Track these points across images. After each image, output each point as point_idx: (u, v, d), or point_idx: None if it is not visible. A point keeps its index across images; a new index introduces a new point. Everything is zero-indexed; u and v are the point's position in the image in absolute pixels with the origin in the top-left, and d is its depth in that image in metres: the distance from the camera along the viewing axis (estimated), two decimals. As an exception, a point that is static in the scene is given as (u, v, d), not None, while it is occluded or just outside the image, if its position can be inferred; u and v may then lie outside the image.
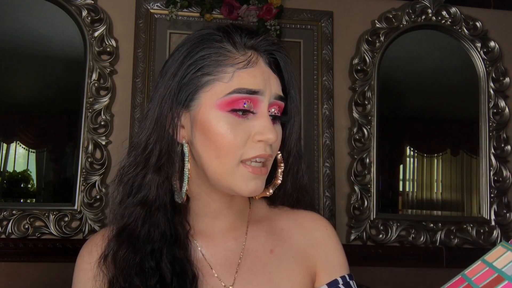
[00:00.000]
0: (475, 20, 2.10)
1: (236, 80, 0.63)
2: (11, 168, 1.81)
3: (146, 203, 0.67)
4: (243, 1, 1.85)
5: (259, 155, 0.63)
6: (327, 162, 1.93)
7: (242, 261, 0.70)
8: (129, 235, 0.67)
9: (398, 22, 2.04)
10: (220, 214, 0.72)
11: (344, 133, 1.99)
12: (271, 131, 0.63)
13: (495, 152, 2.06)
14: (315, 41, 1.99)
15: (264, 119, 0.63)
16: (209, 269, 0.69)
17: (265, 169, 0.65)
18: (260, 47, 0.67)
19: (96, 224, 1.74)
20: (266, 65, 0.66)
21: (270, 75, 0.66)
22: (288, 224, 0.76)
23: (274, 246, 0.73)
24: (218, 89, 0.63)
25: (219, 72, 0.64)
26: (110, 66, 1.82)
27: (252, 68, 0.64)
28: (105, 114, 1.78)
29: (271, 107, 0.66)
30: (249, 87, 0.62)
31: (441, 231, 1.98)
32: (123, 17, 1.87)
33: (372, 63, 1.99)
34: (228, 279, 0.69)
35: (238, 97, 0.62)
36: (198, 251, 0.70)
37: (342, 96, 2.00)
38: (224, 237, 0.72)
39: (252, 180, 0.64)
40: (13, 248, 1.69)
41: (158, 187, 0.67)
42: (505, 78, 2.10)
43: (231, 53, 0.65)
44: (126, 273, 0.65)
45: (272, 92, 0.65)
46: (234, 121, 0.63)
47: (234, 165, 0.63)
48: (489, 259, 0.61)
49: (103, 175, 1.77)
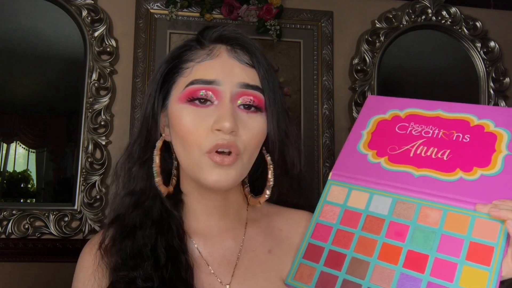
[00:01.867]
0: (475, 20, 2.10)
1: (194, 73, 0.66)
2: (11, 168, 1.82)
3: (134, 193, 0.71)
4: (243, 1, 1.85)
5: (216, 145, 0.62)
6: (327, 162, 1.93)
7: (240, 260, 0.70)
8: (121, 222, 0.70)
9: (398, 22, 2.04)
10: (214, 212, 0.72)
11: (344, 133, 1.99)
12: (226, 119, 0.62)
13: (495, 152, 2.06)
14: (315, 41, 1.99)
15: (222, 107, 0.63)
16: (206, 266, 0.69)
17: (230, 159, 0.63)
18: (226, 39, 0.68)
19: (96, 224, 1.74)
20: (232, 57, 0.67)
21: (234, 65, 0.66)
22: (287, 224, 0.76)
23: (272, 246, 0.73)
24: (180, 84, 0.67)
25: (182, 68, 0.68)
26: (110, 66, 1.81)
27: (211, 60, 0.66)
28: (105, 114, 1.78)
29: (239, 97, 0.65)
30: (204, 78, 0.65)
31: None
32: (123, 17, 1.87)
33: (372, 63, 1.99)
34: (226, 277, 0.68)
35: (194, 88, 0.64)
36: (194, 249, 0.70)
37: (342, 96, 2.00)
38: (222, 236, 0.72)
39: (215, 169, 0.63)
40: (13, 248, 1.69)
41: (147, 180, 0.70)
42: (505, 78, 2.10)
43: (195, 49, 0.69)
44: (123, 258, 0.66)
45: (235, 81, 0.65)
46: (193, 111, 0.64)
47: (199, 156, 0.64)
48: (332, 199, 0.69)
49: (103, 175, 1.77)
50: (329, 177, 0.71)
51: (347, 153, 0.72)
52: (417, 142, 0.67)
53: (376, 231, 0.62)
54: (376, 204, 0.64)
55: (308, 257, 0.65)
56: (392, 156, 0.67)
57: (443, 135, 0.66)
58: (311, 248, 0.66)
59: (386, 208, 0.63)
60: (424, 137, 0.67)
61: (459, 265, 0.56)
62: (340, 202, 0.68)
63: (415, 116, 0.70)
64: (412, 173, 0.65)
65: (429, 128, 0.68)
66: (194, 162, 0.64)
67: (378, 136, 0.71)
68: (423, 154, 0.66)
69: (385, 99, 0.75)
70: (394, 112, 0.72)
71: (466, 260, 0.56)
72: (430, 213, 0.61)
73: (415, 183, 0.64)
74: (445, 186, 0.62)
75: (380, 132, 0.71)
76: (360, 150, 0.71)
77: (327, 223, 0.67)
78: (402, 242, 0.59)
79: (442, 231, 0.59)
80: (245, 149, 0.65)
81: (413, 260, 0.58)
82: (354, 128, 0.75)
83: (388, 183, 0.65)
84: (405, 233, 0.60)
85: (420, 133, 0.68)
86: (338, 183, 0.70)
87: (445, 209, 0.60)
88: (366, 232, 0.62)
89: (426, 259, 0.57)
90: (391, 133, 0.70)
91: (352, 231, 0.64)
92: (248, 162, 0.67)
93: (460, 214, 0.59)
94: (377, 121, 0.73)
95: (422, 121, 0.69)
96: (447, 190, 0.61)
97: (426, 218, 0.60)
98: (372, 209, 0.64)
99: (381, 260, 0.59)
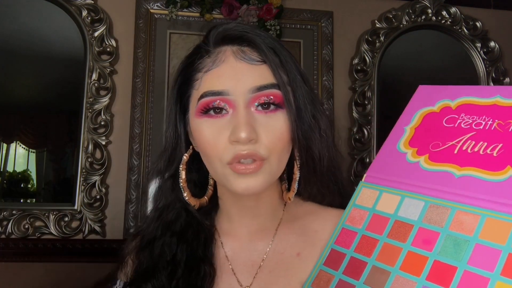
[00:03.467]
0: (475, 20, 2.10)
1: (203, 84, 0.62)
2: (11, 168, 1.82)
3: (158, 208, 0.72)
4: (243, 1, 1.85)
5: (236, 156, 0.59)
6: (327, 162, 1.93)
7: (264, 262, 0.68)
8: (142, 237, 0.72)
9: (398, 22, 2.04)
10: (248, 213, 0.70)
11: (344, 133, 1.99)
12: (242, 129, 0.58)
13: (495, 152, 2.06)
14: (315, 41, 1.99)
15: (237, 117, 0.59)
16: (229, 268, 0.68)
17: (253, 166, 0.60)
18: (231, 39, 0.64)
19: (96, 224, 1.74)
20: (239, 59, 0.62)
21: (243, 68, 0.61)
22: (323, 225, 0.70)
23: (302, 248, 0.69)
24: (194, 98, 0.64)
25: (193, 81, 0.65)
26: (110, 66, 1.82)
27: (218, 68, 0.62)
28: (105, 114, 1.78)
29: (255, 101, 0.61)
30: (212, 89, 0.61)
31: (441, 231, 1.98)
32: (123, 17, 1.87)
33: (372, 63, 1.99)
34: (247, 279, 0.67)
35: (205, 101, 0.61)
36: (221, 250, 0.70)
37: (342, 96, 2.00)
38: (251, 237, 0.70)
39: (241, 179, 0.60)
40: (13, 248, 1.69)
41: (172, 193, 0.70)
42: (505, 78, 2.10)
43: (202, 58, 0.64)
44: (137, 271, 0.68)
45: (247, 87, 0.60)
46: (211, 124, 0.61)
47: (222, 168, 0.61)
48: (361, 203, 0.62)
49: (103, 175, 1.77)
50: (362, 179, 0.65)
51: (385, 153, 0.64)
52: (465, 136, 0.58)
53: (402, 238, 0.55)
54: (406, 208, 0.58)
55: (328, 264, 0.60)
56: (433, 154, 0.59)
57: (497, 127, 0.56)
58: (333, 254, 0.60)
59: (416, 212, 0.56)
60: (474, 129, 0.58)
61: (491, 280, 0.47)
62: (368, 206, 0.61)
63: (467, 106, 0.60)
64: (453, 173, 0.56)
65: (482, 119, 0.58)
66: (219, 173, 0.62)
67: (422, 131, 0.62)
68: (469, 150, 0.57)
69: (436, 88, 0.65)
70: (444, 103, 0.63)
71: (501, 275, 0.47)
72: (465, 219, 0.53)
73: (454, 184, 0.55)
74: (489, 187, 0.53)
75: (425, 126, 0.63)
76: (399, 149, 0.63)
77: (352, 228, 0.60)
78: (428, 251, 0.52)
79: (477, 240, 0.50)
80: (271, 153, 0.61)
81: (438, 272, 0.51)
82: (397, 124, 0.66)
83: (424, 184, 0.58)
84: (434, 241, 0.53)
85: (471, 126, 0.58)
86: (369, 185, 0.63)
87: (484, 214, 0.52)
88: (391, 239, 0.56)
89: (454, 272, 0.50)
90: (437, 127, 0.61)
91: (377, 237, 0.57)
92: (278, 164, 0.63)
93: (501, 221, 0.50)
94: (424, 114, 0.64)
95: (474, 111, 0.59)
96: (491, 192, 0.53)
97: (460, 224, 0.53)
98: (401, 214, 0.57)
99: (403, 270, 0.53)
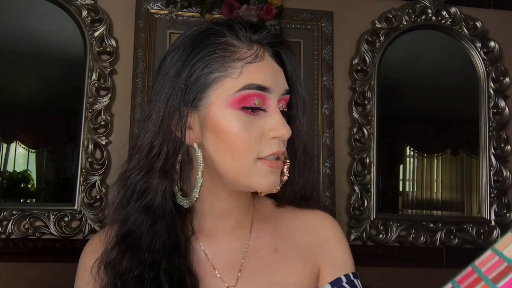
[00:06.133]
0: (475, 20, 2.10)
1: (245, 75, 0.61)
2: (11, 168, 1.81)
3: (151, 209, 0.65)
4: (243, 1, 1.85)
5: (274, 152, 0.62)
6: (327, 162, 1.93)
7: (245, 261, 0.69)
8: (132, 243, 0.65)
9: (398, 22, 2.04)
10: (225, 213, 0.70)
11: (344, 133, 1.99)
12: (284, 127, 0.62)
13: (495, 152, 2.06)
14: (315, 41, 1.99)
15: (276, 115, 0.62)
16: (212, 269, 0.68)
17: (280, 163, 0.65)
18: (264, 40, 0.65)
19: (96, 224, 1.74)
20: (272, 60, 0.65)
21: (278, 70, 0.65)
22: (293, 223, 0.74)
23: (278, 245, 0.71)
24: (228, 86, 0.61)
25: (228, 68, 0.61)
26: (110, 66, 1.81)
27: (260, 63, 0.62)
28: (105, 114, 1.78)
29: (279, 103, 0.64)
30: (259, 83, 0.61)
31: (441, 231, 1.98)
32: (123, 17, 1.87)
33: (372, 63, 1.99)
34: (231, 279, 0.67)
35: (248, 93, 0.60)
36: (201, 252, 0.69)
37: (342, 96, 2.00)
38: (228, 236, 0.71)
39: (270, 175, 0.63)
40: (13, 248, 1.69)
41: (164, 192, 0.65)
42: (505, 78, 2.09)
43: (237, 47, 0.63)
44: (125, 283, 0.63)
45: (281, 88, 0.64)
46: (246, 118, 0.61)
47: (251, 164, 0.62)
48: (499, 248, 0.55)
49: (103, 175, 1.77)
50: None
51: None
52: None
53: None
54: None
55: None
56: None
57: None
58: None
59: None
60: None
61: None
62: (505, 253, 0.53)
63: None
64: None
65: None
66: (244, 169, 0.62)
67: None
68: None
69: None
70: None
71: None
72: None
73: None
74: None
75: None
76: None
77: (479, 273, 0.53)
78: None
79: None
80: None
81: None
82: None
83: None
84: None
85: None
86: None
87: None
88: None
89: None
90: None
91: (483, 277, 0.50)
92: None
93: None
94: None
95: None
96: None
97: None
98: None
99: None
